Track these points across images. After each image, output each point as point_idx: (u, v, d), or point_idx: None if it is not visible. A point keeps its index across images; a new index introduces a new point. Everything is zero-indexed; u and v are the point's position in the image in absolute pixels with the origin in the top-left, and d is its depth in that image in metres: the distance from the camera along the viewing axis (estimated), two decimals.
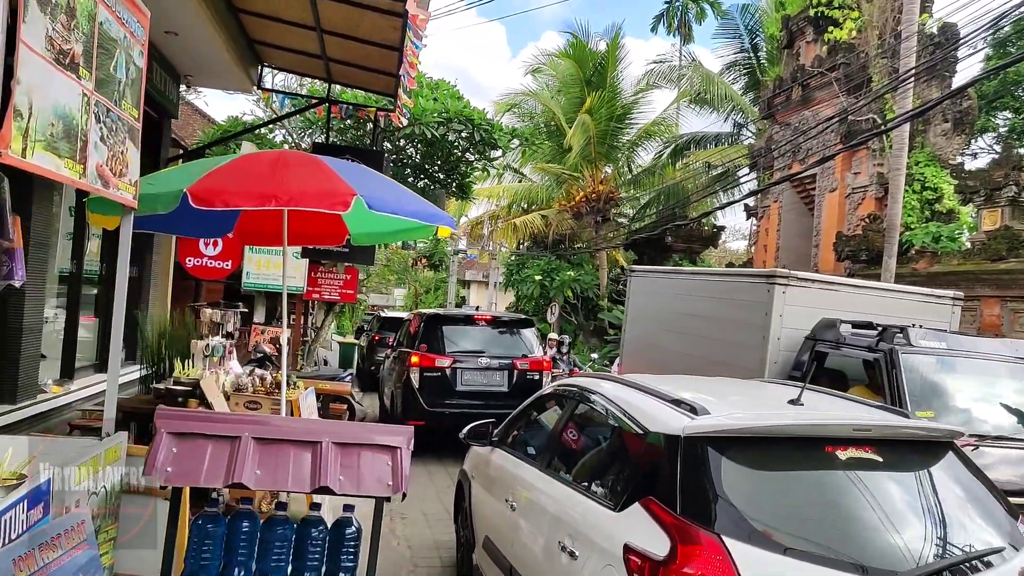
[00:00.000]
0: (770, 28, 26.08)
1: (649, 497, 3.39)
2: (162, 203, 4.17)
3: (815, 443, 3.51)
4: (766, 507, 3.33)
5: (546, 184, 29.67)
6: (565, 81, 27.73)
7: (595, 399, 4.58)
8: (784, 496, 3.48)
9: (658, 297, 10.57)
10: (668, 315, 10.05)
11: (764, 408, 4.32)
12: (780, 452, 3.51)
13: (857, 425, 3.70)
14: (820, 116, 18.49)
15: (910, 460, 3.70)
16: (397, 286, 58.13)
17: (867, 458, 3.47)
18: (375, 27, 8.22)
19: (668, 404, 3.84)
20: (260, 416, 3.44)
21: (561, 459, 4.71)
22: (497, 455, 5.53)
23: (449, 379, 10.97)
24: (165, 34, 8.30)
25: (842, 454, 3.43)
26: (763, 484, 3.51)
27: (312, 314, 21.85)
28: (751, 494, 3.37)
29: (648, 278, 11.45)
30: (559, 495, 4.27)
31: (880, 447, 3.54)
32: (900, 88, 12.46)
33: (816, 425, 3.69)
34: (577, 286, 25.68)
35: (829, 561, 3.02)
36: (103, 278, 8.32)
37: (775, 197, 21.07)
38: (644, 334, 10.86)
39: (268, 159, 4.77)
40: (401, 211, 4.65)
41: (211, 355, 6.16)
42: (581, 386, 4.92)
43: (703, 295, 9.31)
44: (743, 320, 8.05)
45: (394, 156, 17.24)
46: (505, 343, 11.73)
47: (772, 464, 3.50)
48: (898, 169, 12.36)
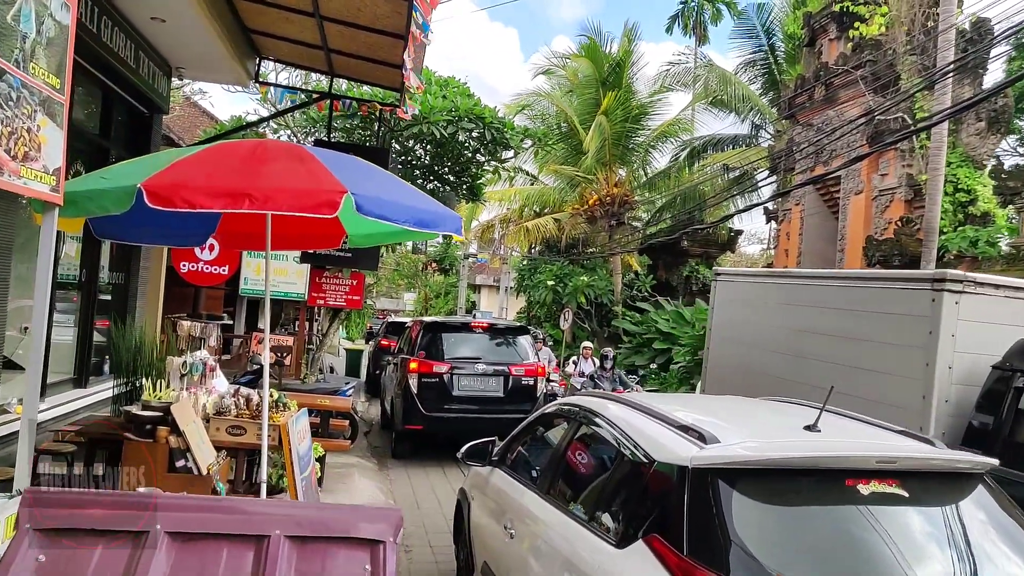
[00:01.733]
0: (789, 27, 25.35)
1: (654, 534, 3.15)
2: (113, 200, 3.48)
3: (835, 475, 3.21)
4: (780, 547, 3.07)
5: (559, 187, 28.97)
6: (579, 82, 27.03)
7: (598, 421, 4.24)
8: (800, 534, 3.19)
9: (756, 307, 8.71)
10: (771, 331, 8.25)
11: (778, 435, 3.94)
12: (796, 485, 3.22)
13: (881, 457, 3.34)
14: (845, 116, 17.72)
15: (938, 494, 3.37)
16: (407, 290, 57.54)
17: (891, 492, 3.18)
18: (378, 12, 7.57)
19: (675, 431, 3.56)
20: (181, 499, 2.29)
21: (561, 485, 4.38)
22: (496, 476, 5.23)
23: (447, 384, 11.19)
24: (151, 20, 7.68)
25: (864, 488, 3.15)
26: (777, 521, 3.22)
27: (318, 320, 21.23)
28: (764, 532, 3.11)
29: (742, 283, 9.49)
30: (558, 525, 3.97)
31: (906, 480, 3.24)
32: (937, 85, 11.70)
33: (836, 456, 3.31)
34: (591, 292, 24.94)
35: None
36: (82, 285, 7.66)
37: (797, 200, 20.31)
38: (735, 355, 8.99)
39: (244, 149, 4.06)
40: (396, 217, 3.90)
41: (189, 373, 5.49)
42: (584, 406, 4.57)
43: (827, 305, 7.43)
44: (892, 340, 6.30)
45: (403, 157, 16.56)
46: (501, 350, 11.96)
47: (787, 499, 3.23)
48: (936, 169, 11.61)
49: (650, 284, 26.20)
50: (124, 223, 4.50)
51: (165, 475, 4.75)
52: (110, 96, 8.04)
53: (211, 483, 4.81)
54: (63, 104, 3.00)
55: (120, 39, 7.38)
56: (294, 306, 21.49)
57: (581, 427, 4.48)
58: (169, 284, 10.56)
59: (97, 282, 7.96)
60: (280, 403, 6.09)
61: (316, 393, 9.67)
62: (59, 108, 2.94)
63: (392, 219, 3.93)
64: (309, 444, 6.10)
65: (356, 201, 3.68)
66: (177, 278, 10.67)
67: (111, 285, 8.57)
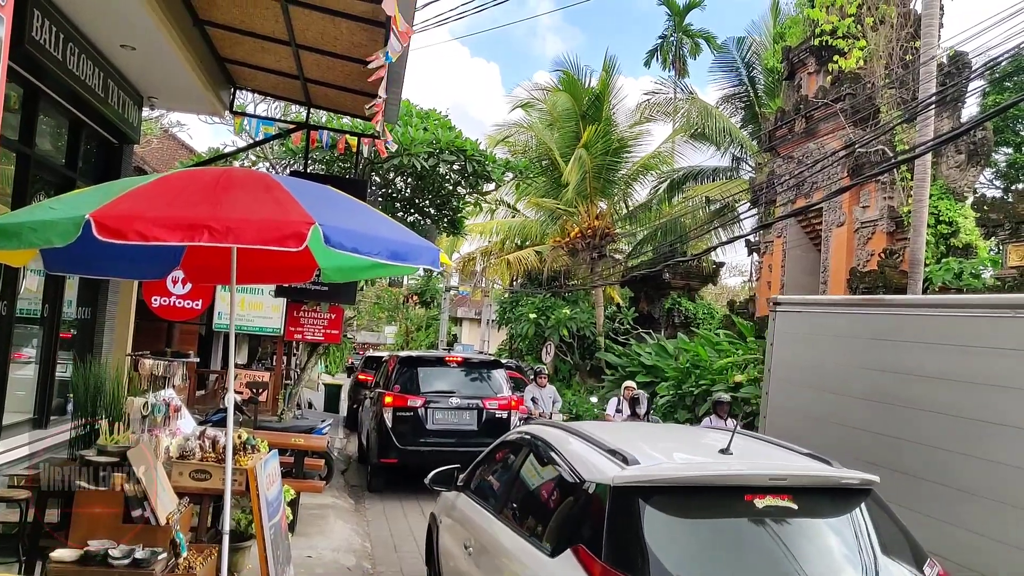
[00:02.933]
0: (768, 60, 25.53)
1: (579, 544, 3.56)
2: (57, 232, 3.21)
3: (736, 492, 3.65)
4: (687, 555, 3.49)
5: (540, 219, 28.86)
6: (559, 115, 27.03)
7: (541, 446, 4.70)
8: (705, 543, 3.64)
9: (833, 343, 7.30)
10: (855, 373, 6.77)
11: (695, 456, 4.46)
12: (703, 501, 3.66)
13: (773, 475, 3.79)
14: (825, 148, 17.74)
15: (827, 507, 3.85)
16: (388, 324, 57.13)
17: (783, 506, 3.63)
18: (355, 40, 7.40)
19: (605, 454, 4.00)
20: None
21: (511, 505, 4.77)
22: (461, 500, 5.60)
23: (421, 418, 11.28)
24: (121, 48, 7.47)
25: (759, 502, 3.59)
26: (685, 532, 3.66)
27: (296, 355, 20.85)
28: (674, 542, 3.55)
29: (811, 314, 7.84)
30: (505, 540, 4.37)
31: (797, 495, 3.70)
32: (920, 117, 11.65)
33: (733, 475, 3.80)
34: (573, 324, 24.72)
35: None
36: (44, 320, 7.34)
37: (779, 232, 20.26)
38: (803, 402, 7.50)
39: (208, 177, 3.81)
40: (367, 250, 3.63)
41: (151, 415, 5.19)
42: (533, 434, 5.05)
43: (939, 341, 5.99)
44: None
45: (383, 189, 16.36)
46: (475, 384, 12.11)
47: (695, 512, 3.67)
48: (920, 201, 11.52)
49: (632, 317, 26.04)
50: (78, 256, 4.23)
51: (120, 525, 4.45)
52: (77, 125, 7.79)
53: (170, 533, 4.50)
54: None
55: (87, 67, 7.15)
56: (271, 341, 21.14)
57: (531, 453, 4.89)
58: (140, 320, 10.23)
59: (61, 317, 7.64)
60: (249, 445, 5.79)
61: (291, 431, 9.35)
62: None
63: (363, 252, 3.67)
64: (279, 488, 5.79)
65: (324, 232, 3.44)
66: (149, 313, 10.35)
67: (78, 320, 8.26)
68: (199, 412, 9.25)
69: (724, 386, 15.23)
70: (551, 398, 14.26)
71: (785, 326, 8.10)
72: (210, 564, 4.88)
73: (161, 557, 4.26)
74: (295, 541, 7.14)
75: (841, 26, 17.07)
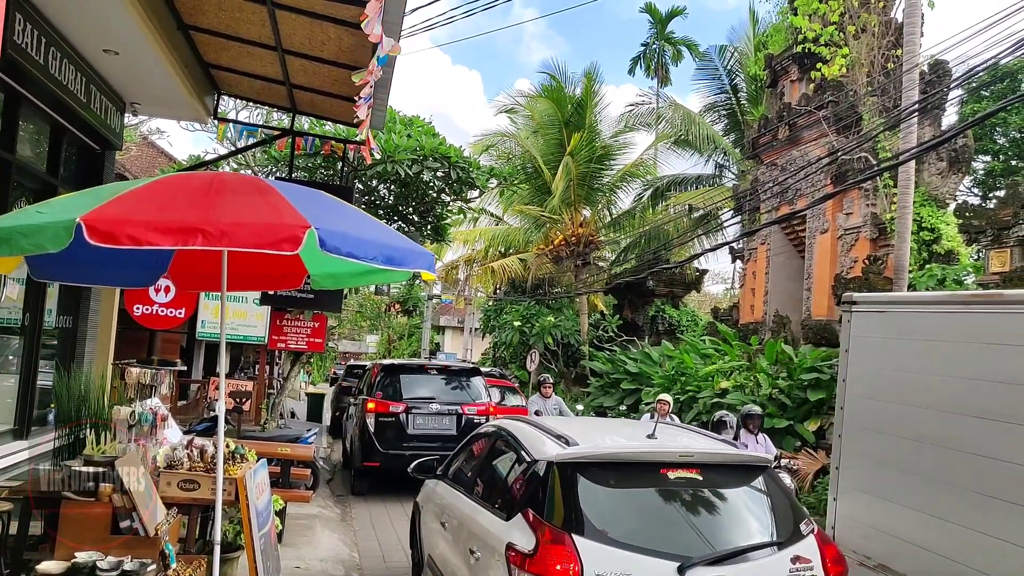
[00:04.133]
0: (751, 68, 25.69)
1: (528, 508, 4.39)
2: (48, 237, 3.13)
3: (653, 467, 4.50)
4: (609, 514, 4.34)
5: (524, 227, 28.84)
6: (542, 122, 27.03)
7: (505, 435, 5.58)
8: (628, 506, 4.49)
9: (933, 350, 6.19)
10: (966, 386, 5.75)
11: (625, 441, 5.42)
12: (626, 473, 4.54)
13: (683, 452, 4.69)
14: (808, 155, 17.84)
15: (728, 480, 4.68)
16: (370, 332, 56.83)
17: (691, 477, 4.50)
18: (343, 45, 7.34)
19: (552, 438, 4.84)
20: None
21: (479, 484, 5.62)
22: (440, 486, 6.41)
23: (403, 423, 11.70)
24: (104, 53, 7.35)
25: (672, 475, 4.46)
26: (612, 497, 4.48)
27: (279, 364, 20.68)
28: (602, 505, 4.39)
29: (903, 314, 6.70)
30: (473, 513, 5.23)
31: (703, 469, 4.56)
32: (903, 124, 11.74)
33: (650, 452, 4.69)
34: (557, 332, 24.68)
35: (644, 551, 4.03)
36: (25, 329, 7.20)
37: (762, 239, 20.35)
38: (892, 421, 6.47)
39: (199, 181, 3.74)
40: (362, 254, 3.58)
41: (138, 424, 5.09)
42: (499, 426, 5.98)
43: None
44: None
45: (366, 197, 16.28)
46: (454, 391, 12.56)
47: (620, 482, 4.49)
48: (904, 208, 11.59)
49: (616, 324, 26.04)
50: (65, 263, 4.14)
51: (108, 536, 4.35)
52: (59, 131, 7.67)
53: (159, 544, 4.41)
54: None
55: (69, 71, 7.04)
56: (254, 350, 20.96)
57: (496, 441, 5.78)
58: (122, 328, 10.09)
59: (42, 326, 7.50)
60: (237, 454, 5.70)
61: (276, 441, 9.24)
62: None
63: (358, 256, 3.61)
64: (268, 498, 5.70)
65: (320, 236, 3.38)
66: (131, 321, 10.21)
67: (58, 329, 8.11)
68: (182, 422, 9.12)
69: (710, 393, 15.24)
70: (556, 409, 12.73)
71: (866, 330, 6.98)
72: (200, 574, 4.79)
73: (150, 569, 4.17)
74: (283, 551, 7.04)
75: (824, 34, 17.21)
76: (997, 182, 29.86)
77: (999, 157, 29.90)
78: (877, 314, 6.98)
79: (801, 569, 4.23)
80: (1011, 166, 28.61)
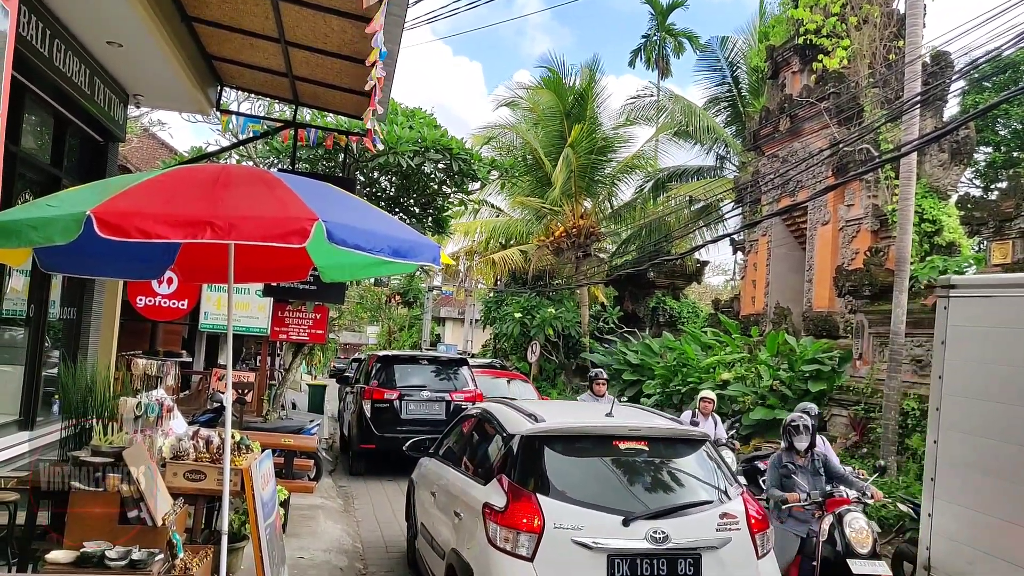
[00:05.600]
0: (753, 59, 25.62)
1: (502, 475, 5.20)
2: (59, 230, 3.15)
3: (607, 439, 5.35)
4: (568, 477, 5.14)
5: (525, 219, 28.83)
6: (543, 114, 26.99)
7: (487, 416, 6.36)
8: (582, 471, 5.28)
9: None
10: None
11: (583, 418, 6.19)
12: (584, 444, 5.40)
13: (631, 427, 5.51)
14: (810, 147, 17.83)
15: (671, 451, 5.54)
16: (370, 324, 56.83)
17: (639, 448, 5.32)
18: (345, 38, 7.34)
19: (524, 416, 5.66)
20: None
21: (464, 458, 6.40)
22: (432, 462, 7.24)
23: (396, 409, 12.71)
24: (107, 45, 7.36)
25: (622, 445, 5.28)
26: (572, 464, 5.27)
27: (280, 355, 20.72)
28: (561, 470, 5.17)
29: (1016, 298, 5.77)
30: (458, 482, 6.04)
31: (650, 442, 5.39)
32: (905, 116, 11.73)
33: (604, 427, 5.52)
34: (558, 324, 24.69)
35: (596, 507, 4.84)
36: (30, 321, 7.23)
37: (764, 231, 20.35)
38: (1004, 421, 5.60)
39: (206, 174, 3.75)
40: (370, 247, 3.60)
41: (144, 415, 5.12)
42: (484, 408, 6.75)
43: None
44: None
45: (368, 189, 16.28)
46: (444, 379, 13.58)
47: (579, 452, 5.33)
48: (907, 199, 11.59)
49: (617, 316, 26.06)
50: (73, 255, 4.17)
51: (116, 527, 4.37)
52: (63, 123, 7.68)
53: (166, 534, 4.44)
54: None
55: (73, 63, 7.05)
56: (255, 341, 20.98)
57: (480, 421, 6.56)
58: (124, 319, 10.11)
59: (47, 318, 7.53)
60: (242, 445, 5.73)
61: (280, 432, 9.28)
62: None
63: (366, 248, 3.62)
64: (273, 488, 5.73)
65: (328, 229, 3.40)
66: (133, 313, 10.23)
67: (62, 321, 8.14)
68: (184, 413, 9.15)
69: (711, 384, 15.27)
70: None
71: (966, 318, 6.15)
72: (206, 565, 4.82)
73: (158, 558, 4.20)
74: (286, 542, 7.07)
75: (826, 25, 17.17)
76: (999, 174, 29.86)
77: (1001, 148, 29.89)
78: (982, 299, 6.14)
79: (727, 524, 4.98)
80: (1013, 158, 28.57)
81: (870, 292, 14.16)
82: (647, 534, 4.73)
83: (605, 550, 4.67)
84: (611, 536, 4.71)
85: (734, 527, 4.96)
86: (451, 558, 5.50)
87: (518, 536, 4.71)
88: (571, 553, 4.67)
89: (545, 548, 4.67)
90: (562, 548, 4.68)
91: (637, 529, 4.74)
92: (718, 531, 4.92)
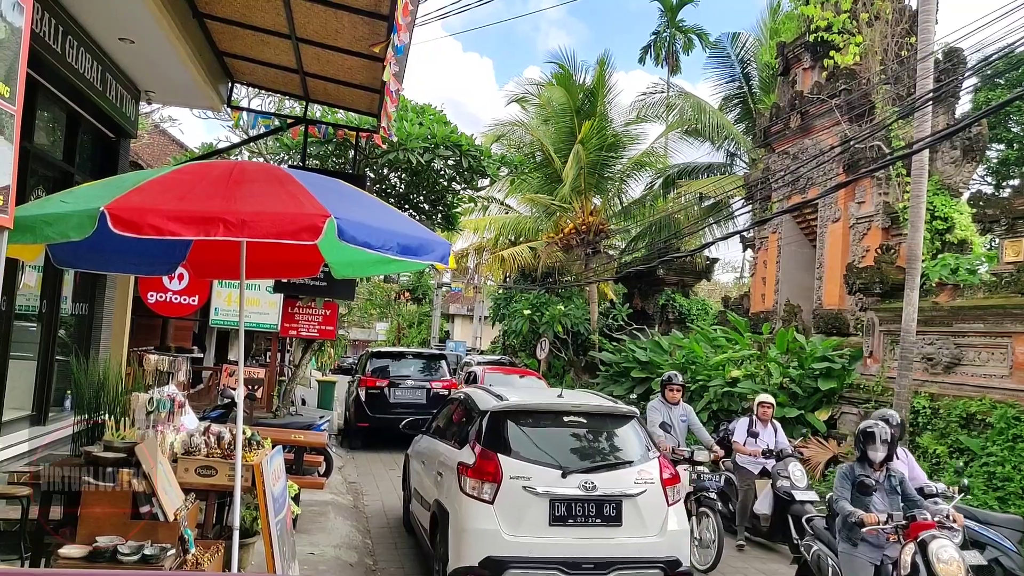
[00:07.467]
0: (764, 56, 25.51)
1: (474, 440, 6.45)
2: (73, 226, 3.16)
3: (557, 414, 6.75)
4: (523, 442, 6.35)
5: (534, 215, 28.79)
6: (554, 110, 26.93)
7: (467, 398, 7.61)
8: (534, 437, 6.47)
9: None
10: None
11: (541, 399, 7.52)
12: (539, 418, 6.73)
13: (573, 404, 6.92)
14: (821, 144, 17.74)
15: (607, 423, 6.84)
16: (380, 320, 56.97)
17: (580, 421, 6.73)
18: (356, 35, 7.34)
19: (494, 396, 6.91)
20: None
21: (448, 431, 7.66)
22: (423, 439, 8.52)
23: (386, 395, 15.45)
24: (119, 42, 7.39)
25: (566, 418, 6.70)
26: (526, 432, 6.48)
27: (289, 351, 20.75)
28: (518, 436, 6.38)
29: None
30: (442, 449, 7.31)
31: (589, 417, 6.80)
32: (917, 113, 11.66)
33: (553, 404, 6.90)
34: (567, 321, 24.65)
35: (542, 463, 6.15)
36: (42, 316, 7.26)
37: (774, 228, 20.28)
38: None
39: (219, 171, 3.76)
40: (378, 244, 3.61)
41: (156, 410, 5.14)
42: (467, 392, 7.93)
43: None
44: None
45: (377, 186, 16.31)
46: (425, 371, 16.53)
47: (533, 424, 6.62)
48: (918, 196, 11.52)
49: (626, 313, 26.01)
50: (86, 250, 4.18)
51: (128, 521, 4.40)
52: (75, 119, 7.70)
53: (178, 530, 4.46)
54: (14, 115, 2.69)
55: (86, 60, 7.08)
56: (265, 337, 21.04)
57: (461, 403, 7.81)
58: (136, 315, 10.15)
59: (59, 313, 7.57)
60: (253, 441, 5.74)
61: (290, 428, 9.30)
62: (9, 120, 2.63)
63: (375, 246, 3.62)
64: (284, 484, 5.75)
65: (339, 226, 3.40)
66: (144, 308, 10.27)
67: (74, 316, 8.18)
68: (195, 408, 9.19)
69: (721, 381, 15.23)
70: (684, 420, 9.21)
71: None
72: (217, 560, 4.84)
73: (170, 553, 4.22)
74: (297, 538, 7.09)
75: (836, 22, 17.10)
76: (1011, 171, 29.68)
77: (1013, 145, 29.70)
78: None
79: (644, 479, 6.26)
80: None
81: (881, 290, 14.09)
82: (580, 484, 6.06)
83: (548, 495, 6.01)
84: (552, 485, 6.03)
85: (649, 482, 6.26)
86: (434, 507, 6.77)
87: (483, 485, 6.02)
88: (522, 497, 5.98)
89: (503, 494, 5.98)
90: (516, 493, 5.98)
91: (572, 480, 6.06)
92: (635, 484, 6.22)
